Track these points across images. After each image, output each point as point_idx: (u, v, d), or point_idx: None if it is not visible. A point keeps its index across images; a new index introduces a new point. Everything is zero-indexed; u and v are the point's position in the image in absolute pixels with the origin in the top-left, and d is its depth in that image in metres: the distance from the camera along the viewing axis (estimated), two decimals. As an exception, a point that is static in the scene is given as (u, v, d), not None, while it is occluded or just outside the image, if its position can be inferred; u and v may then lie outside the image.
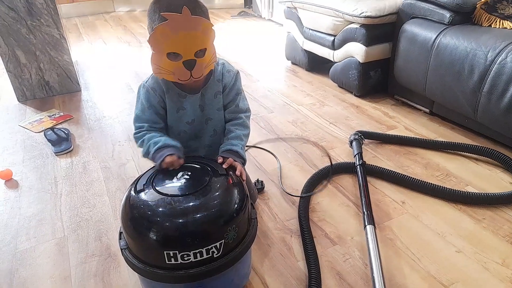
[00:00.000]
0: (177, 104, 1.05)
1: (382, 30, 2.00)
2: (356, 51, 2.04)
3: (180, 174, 0.91)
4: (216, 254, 0.81)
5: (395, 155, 1.62)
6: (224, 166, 0.95)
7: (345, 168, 1.50)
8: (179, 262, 0.79)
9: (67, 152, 1.74)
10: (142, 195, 0.86)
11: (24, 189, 1.51)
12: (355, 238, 1.20)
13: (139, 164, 1.62)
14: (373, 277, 1.00)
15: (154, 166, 0.97)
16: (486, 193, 1.32)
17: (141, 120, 1.04)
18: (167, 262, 0.79)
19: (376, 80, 2.12)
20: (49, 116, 2.10)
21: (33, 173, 1.60)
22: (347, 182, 1.46)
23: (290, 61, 2.78)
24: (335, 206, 1.34)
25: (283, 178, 1.50)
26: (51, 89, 2.37)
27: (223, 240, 0.82)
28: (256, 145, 1.73)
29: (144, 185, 0.88)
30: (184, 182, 0.87)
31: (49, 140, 1.82)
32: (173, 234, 0.80)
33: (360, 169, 1.42)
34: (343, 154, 1.64)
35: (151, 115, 1.04)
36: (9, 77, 2.25)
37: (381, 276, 0.98)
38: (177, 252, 0.78)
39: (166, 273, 0.81)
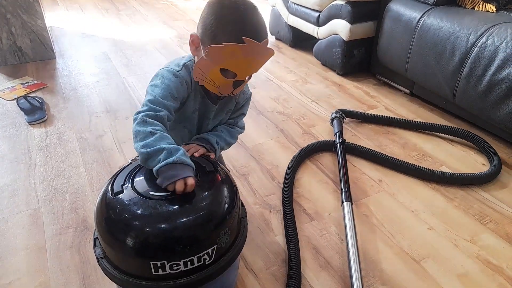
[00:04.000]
0: (195, 105, 0.97)
1: (367, 8, 1.98)
2: (341, 28, 2.03)
3: None
4: (208, 261, 0.74)
5: (375, 135, 1.64)
6: (195, 155, 0.90)
7: (326, 146, 1.51)
8: (167, 272, 0.71)
9: (41, 122, 1.68)
10: (122, 198, 0.74)
11: (-4, 158, 1.45)
12: (332, 214, 1.22)
13: (117, 137, 1.58)
14: (348, 252, 1.03)
15: (130, 163, 0.84)
16: (459, 174, 1.36)
17: (160, 105, 0.84)
18: (153, 273, 0.71)
19: (359, 59, 2.12)
20: (22, 83, 2.02)
21: (5, 142, 1.54)
22: (327, 160, 1.47)
23: (274, 36, 2.74)
24: (314, 183, 1.36)
25: (264, 154, 1.50)
26: (24, 55, 2.26)
27: (215, 246, 0.74)
28: None
29: (122, 185, 0.77)
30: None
31: (22, 109, 1.75)
32: (160, 243, 0.70)
33: (340, 147, 1.44)
34: (324, 132, 1.65)
35: (172, 105, 0.87)
36: (-22, 41, 2.13)
37: (356, 251, 1.01)
38: (165, 262, 0.70)
39: (152, 284, 0.72)
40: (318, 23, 2.20)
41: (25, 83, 2.02)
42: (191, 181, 0.73)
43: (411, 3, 1.78)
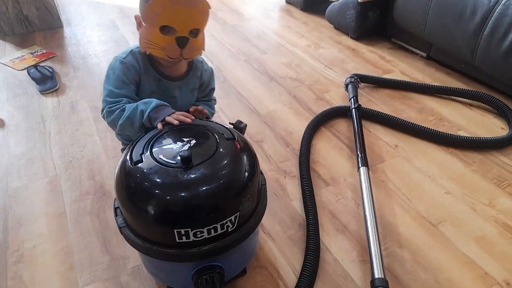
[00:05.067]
0: (151, 87, 0.97)
1: (383, -33, 1.89)
2: (355, -11, 1.94)
3: (182, 141, 0.78)
4: (230, 228, 0.74)
5: (390, 100, 1.60)
6: (190, 110, 0.93)
7: (341, 112, 1.48)
8: (191, 239, 0.71)
9: (53, 91, 1.67)
10: (142, 167, 0.73)
11: (11, 128, 1.46)
12: (348, 179, 1.22)
13: (129, 104, 1.57)
14: (365, 215, 1.03)
15: (144, 133, 0.84)
16: (477, 138, 1.33)
17: (116, 95, 0.90)
18: (177, 240, 0.71)
19: (374, 22, 2.05)
20: (31, 53, 2.00)
21: (18, 112, 1.55)
22: (342, 126, 1.45)
23: (284, 0, 2.65)
24: (329, 149, 1.34)
25: (277, 121, 1.49)
26: (31, 24, 2.23)
27: (238, 213, 0.74)
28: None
29: (141, 154, 0.76)
30: (187, 151, 0.73)
31: (33, 78, 1.74)
32: (185, 211, 0.70)
33: (355, 112, 1.41)
34: (338, 97, 1.62)
35: (128, 91, 0.92)
36: (-16, 10, 2.10)
37: (373, 215, 1.01)
38: (189, 229, 0.70)
39: (176, 252, 0.73)
40: (331, -16, 2.11)
41: (34, 52, 2.00)
42: (177, 115, 0.84)
43: (431, -40, 1.69)
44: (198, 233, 0.71)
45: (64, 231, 1.06)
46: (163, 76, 0.97)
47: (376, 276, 0.87)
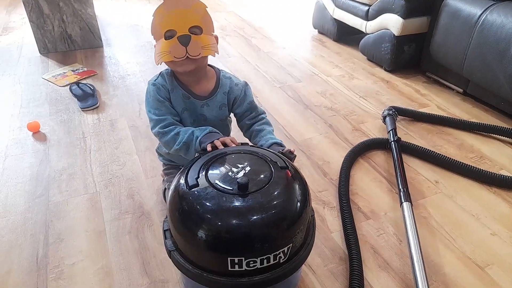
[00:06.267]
0: (182, 105, 1.03)
1: (421, 3, 1.91)
2: (392, 23, 1.97)
3: (237, 167, 0.78)
4: (282, 259, 0.73)
5: (428, 134, 1.58)
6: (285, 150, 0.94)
7: (379, 144, 1.47)
8: (243, 269, 0.70)
9: (94, 108, 1.71)
10: (198, 192, 0.73)
11: (53, 142, 1.50)
12: (389, 214, 1.19)
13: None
14: (410, 253, 1.00)
15: (198, 156, 0.86)
16: (522, 178, 1.30)
17: (161, 114, 0.99)
18: (229, 268, 0.70)
19: (409, 56, 2.06)
20: (72, 70, 2.07)
21: (60, 127, 1.59)
22: (380, 158, 1.44)
23: (317, 30, 2.69)
24: (367, 181, 1.32)
25: (314, 149, 1.48)
26: (73, 43, 2.32)
27: (291, 244, 0.73)
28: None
29: (196, 178, 0.76)
30: (245, 177, 0.73)
31: (74, 95, 1.79)
32: (241, 239, 0.69)
33: (395, 145, 1.39)
34: (375, 129, 1.61)
35: (168, 108, 1.00)
36: (32, 28, 2.19)
37: (419, 253, 0.98)
38: (243, 258, 0.69)
39: (227, 280, 0.71)
40: (367, 17, 2.14)
41: (76, 70, 2.07)
42: (224, 139, 0.90)
43: (471, -2, 1.70)
44: (251, 262, 0.70)
45: (103, 249, 1.06)
46: (191, 94, 1.02)
47: (426, 319, 0.83)
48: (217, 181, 0.75)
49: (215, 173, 0.78)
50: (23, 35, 2.53)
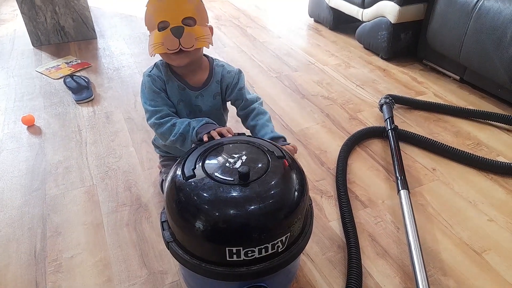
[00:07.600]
0: (177, 96, 1.02)
1: (418, -11, 1.89)
2: (388, 10, 1.95)
3: (233, 157, 0.78)
4: (280, 249, 0.72)
5: (425, 122, 1.58)
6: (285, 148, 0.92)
7: (376, 132, 1.47)
8: (241, 259, 0.70)
9: (89, 101, 1.70)
10: (196, 183, 0.72)
11: (48, 135, 1.48)
12: (386, 202, 1.19)
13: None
14: (408, 240, 1.00)
15: (194, 147, 0.84)
16: (519, 164, 1.30)
17: (157, 105, 0.98)
18: (227, 258, 0.70)
19: (406, 43, 2.04)
20: (66, 63, 2.04)
21: (55, 120, 1.57)
22: (377, 146, 1.44)
23: (313, 19, 2.67)
24: (364, 170, 1.32)
25: (311, 139, 1.48)
26: (67, 34, 2.29)
27: (289, 233, 0.72)
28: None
29: (193, 169, 0.75)
30: (242, 167, 0.73)
31: (69, 88, 1.77)
32: (239, 229, 0.69)
33: (392, 133, 1.39)
34: (371, 117, 1.61)
35: (163, 99, 1.00)
36: (24, 20, 2.16)
37: (417, 241, 0.98)
38: (241, 248, 0.68)
39: (225, 270, 0.71)
40: (364, 4, 2.12)
41: (69, 62, 2.05)
42: (220, 129, 0.89)
43: (468, -17, 1.68)
44: (249, 252, 0.70)
45: (101, 242, 1.05)
46: (186, 85, 1.02)
47: (424, 305, 0.84)
48: (214, 172, 0.75)
49: (212, 163, 0.77)
50: (15, 27, 2.49)
